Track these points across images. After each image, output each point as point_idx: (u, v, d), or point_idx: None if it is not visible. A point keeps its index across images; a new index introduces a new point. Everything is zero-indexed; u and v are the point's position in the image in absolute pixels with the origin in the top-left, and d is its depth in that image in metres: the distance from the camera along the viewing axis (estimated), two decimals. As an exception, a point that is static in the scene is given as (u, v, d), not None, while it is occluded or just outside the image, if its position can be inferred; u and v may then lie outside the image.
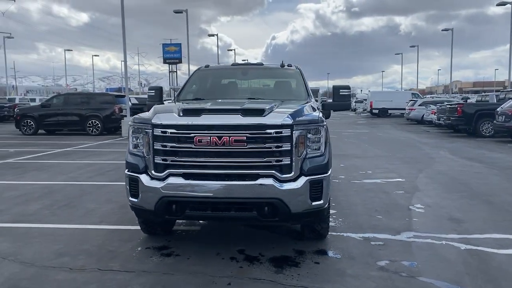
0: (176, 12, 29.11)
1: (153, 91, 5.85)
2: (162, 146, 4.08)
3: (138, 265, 4.11)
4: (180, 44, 67.10)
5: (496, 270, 4.02)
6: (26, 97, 44.63)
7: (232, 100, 5.28)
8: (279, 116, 4.05)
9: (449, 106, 19.39)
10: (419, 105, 28.06)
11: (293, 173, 4.04)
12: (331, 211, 5.85)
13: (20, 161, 11.17)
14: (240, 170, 4.02)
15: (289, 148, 4.01)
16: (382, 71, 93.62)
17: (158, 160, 4.11)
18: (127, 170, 4.33)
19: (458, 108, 18.16)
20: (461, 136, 18.44)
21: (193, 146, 4.00)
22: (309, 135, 4.14)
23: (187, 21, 29.38)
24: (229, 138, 3.95)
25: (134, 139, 4.30)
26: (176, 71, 69.35)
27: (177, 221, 5.22)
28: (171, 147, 4.06)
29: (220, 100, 5.23)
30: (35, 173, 9.29)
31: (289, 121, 4.02)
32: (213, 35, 43.06)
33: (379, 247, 4.61)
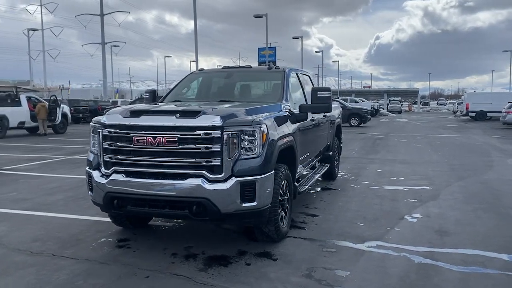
0: (256, 16, 29.84)
1: (148, 94, 6.26)
2: (108, 145, 4.42)
3: (86, 254, 4.49)
4: (275, 47, 68.14)
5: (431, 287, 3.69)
6: (127, 100, 48.68)
7: (198, 102, 5.47)
8: (209, 118, 4.14)
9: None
10: (517, 108, 25.29)
11: (223, 174, 4.12)
12: (316, 215, 5.79)
13: (83, 158, 12.43)
14: (173, 170, 4.20)
15: (219, 149, 4.10)
16: (492, 71, 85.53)
17: (106, 158, 4.45)
18: (86, 166, 4.75)
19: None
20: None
21: (132, 145, 4.28)
22: (242, 137, 4.17)
23: (267, 25, 29.97)
24: (162, 139, 4.16)
25: (92, 138, 4.70)
26: (271, 74, 70.46)
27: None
28: (115, 146, 4.38)
29: (181, 102, 5.47)
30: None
31: (219, 123, 4.10)
32: (297, 38, 42.92)
33: (326, 254, 4.47)
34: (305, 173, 6.53)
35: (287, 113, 5.16)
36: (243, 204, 4.16)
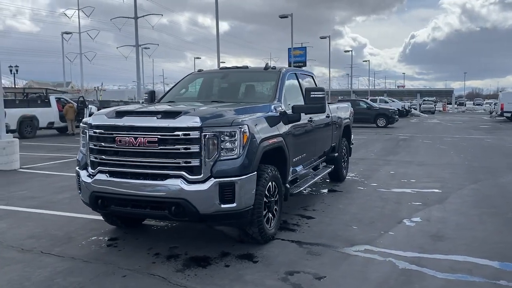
0: (282, 17, 29.71)
1: (147, 95, 6.35)
2: (94, 145, 4.50)
3: (74, 252, 4.58)
4: (305, 48, 67.70)
5: (408, 294, 3.57)
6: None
7: (191, 102, 5.49)
8: (188, 119, 4.15)
9: None
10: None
11: (202, 174, 4.11)
12: (312, 218, 5.71)
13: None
14: (153, 170, 4.23)
15: (198, 150, 4.10)
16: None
17: (92, 158, 4.53)
18: (76, 166, 4.84)
19: None
20: None
21: (115, 145, 4.34)
22: (222, 138, 4.15)
23: (292, 25, 29.79)
24: (143, 139, 4.19)
25: (81, 139, 4.79)
26: (301, 74, 70.09)
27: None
28: (100, 146, 4.45)
29: (175, 103, 5.50)
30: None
31: (198, 123, 4.10)
32: (324, 37, 42.44)
33: (309, 257, 4.39)
34: (302, 173, 6.43)
35: (277, 114, 5.11)
36: (222, 205, 4.14)
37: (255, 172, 4.37)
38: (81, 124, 4.83)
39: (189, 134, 4.09)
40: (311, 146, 6.33)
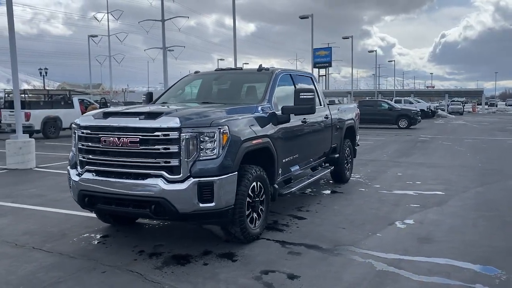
0: (302, 17, 29.58)
1: (145, 96, 6.51)
2: (82, 145, 4.65)
3: (63, 248, 4.75)
4: (330, 48, 67.34)
5: (378, 296, 3.55)
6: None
7: (183, 104, 5.60)
8: (168, 119, 4.24)
9: None
10: None
11: (181, 174, 4.20)
12: (304, 218, 5.74)
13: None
14: (135, 170, 4.35)
15: (177, 150, 4.19)
16: None
17: (80, 157, 4.69)
18: (68, 165, 5.02)
19: None
20: None
21: (100, 145, 4.48)
22: (202, 138, 4.23)
23: (312, 26, 29.61)
24: (126, 139, 4.32)
25: (73, 139, 4.96)
26: (326, 75, 69.68)
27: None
28: (87, 146, 4.60)
29: (167, 104, 5.62)
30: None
31: (177, 124, 4.19)
32: (347, 38, 41.94)
33: (289, 257, 4.41)
34: (298, 174, 6.44)
35: (264, 115, 5.15)
36: (201, 205, 4.21)
37: (236, 172, 4.42)
38: (72, 125, 4.99)
39: (168, 135, 4.19)
40: (306, 147, 6.34)
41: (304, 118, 6.11)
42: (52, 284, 3.81)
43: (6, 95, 22.47)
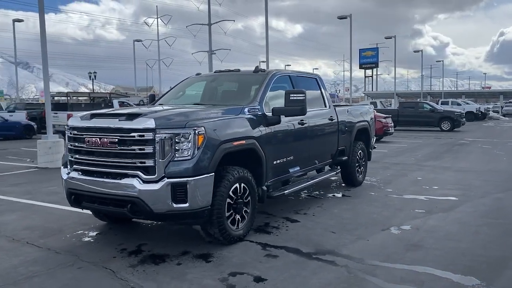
0: (340, 18, 29.10)
1: (148, 99, 6.67)
2: (70, 145, 4.85)
3: (53, 243, 4.96)
4: (377, 48, 65.80)
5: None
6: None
7: (176, 105, 5.70)
8: (143, 121, 4.33)
9: None
10: None
11: (156, 175, 4.28)
12: (297, 221, 5.69)
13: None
14: (114, 169, 4.47)
15: (152, 151, 4.27)
16: None
17: (69, 156, 4.88)
18: (61, 164, 5.23)
19: None
20: None
21: (84, 145, 4.65)
22: (177, 139, 4.29)
23: (351, 27, 29.03)
24: (106, 140, 4.46)
25: (65, 139, 5.16)
26: (372, 76, 68.17)
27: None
28: (74, 146, 4.78)
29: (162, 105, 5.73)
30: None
31: (152, 125, 4.27)
32: (389, 38, 40.65)
33: (264, 260, 4.38)
34: (298, 175, 6.37)
35: (250, 116, 5.13)
36: (175, 205, 4.27)
37: (213, 173, 4.44)
38: (66, 126, 5.20)
39: (143, 136, 4.27)
40: (305, 148, 6.25)
41: (302, 120, 6.04)
42: (27, 278, 3.99)
43: (51, 98, 23.63)
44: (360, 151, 8.07)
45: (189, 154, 4.31)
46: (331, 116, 7.00)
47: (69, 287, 3.83)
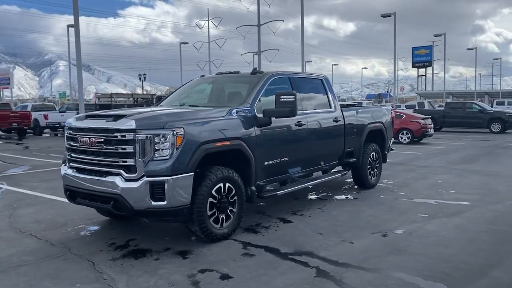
0: (384, 16, 28.35)
1: (155, 100, 6.94)
2: (67, 144, 5.17)
3: (52, 236, 5.30)
4: (431, 46, 63.26)
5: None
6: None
7: (174, 106, 5.92)
8: (125, 121, 4.55)
9: None
10: None
11: (137, 173, 4.48)
12: (290, 222, 5.74)
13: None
14: (101, 168, 4.73)
15: (133, 150, 4.48)
16: None
17: (67, 155, 5.20)
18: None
19: None
20: None
21: (78, 145, 4.94)
22: (157, 139, 4.47)
23: (395, 25, 28.19)
24: (94, 139, 4.73)
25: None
26: (426, 74, 65.79)
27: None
28: (70, 144, 5.10)
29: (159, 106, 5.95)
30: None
31: (132, 126, 4.48)
32: (439, 35, 39.03)
33: (240, 258, 4.47)
34: (298, 176, 6.39)
35: (239, 117, 5.22)
36: (153, 203, 4.45)
37: (192, 173, 4.57)
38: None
39: (125, 136, 4.49)
40: (303, 149, 6.24)
41: (300, 121, 6.05)
42: (16, 267, 4.32)
43: (97, 99, 24.85)
44: (373, 153, 7.92)
45: (167, 154, 4.47)
46: (336, 118, 6.94)
47: (50, 277, 4.09)
